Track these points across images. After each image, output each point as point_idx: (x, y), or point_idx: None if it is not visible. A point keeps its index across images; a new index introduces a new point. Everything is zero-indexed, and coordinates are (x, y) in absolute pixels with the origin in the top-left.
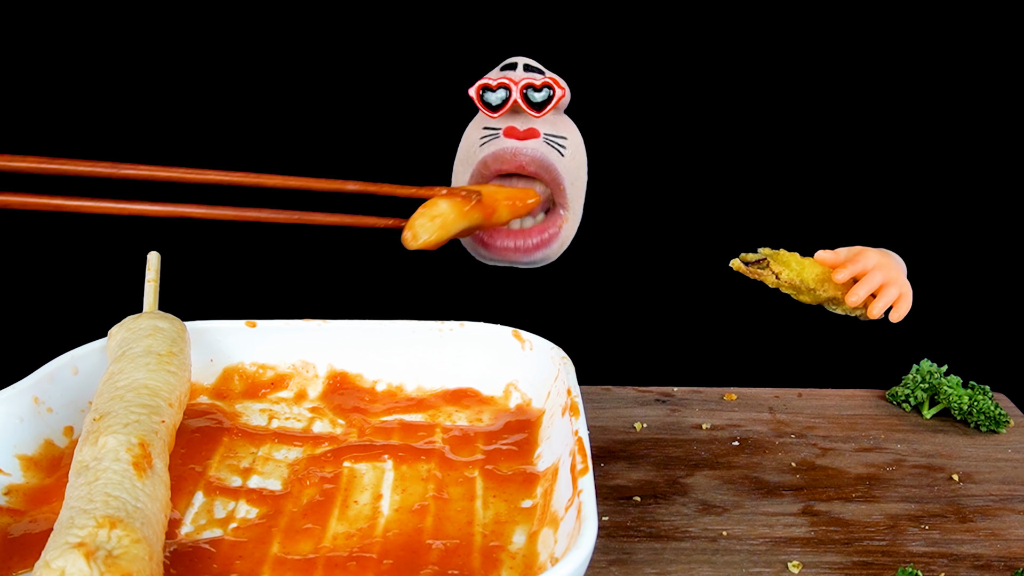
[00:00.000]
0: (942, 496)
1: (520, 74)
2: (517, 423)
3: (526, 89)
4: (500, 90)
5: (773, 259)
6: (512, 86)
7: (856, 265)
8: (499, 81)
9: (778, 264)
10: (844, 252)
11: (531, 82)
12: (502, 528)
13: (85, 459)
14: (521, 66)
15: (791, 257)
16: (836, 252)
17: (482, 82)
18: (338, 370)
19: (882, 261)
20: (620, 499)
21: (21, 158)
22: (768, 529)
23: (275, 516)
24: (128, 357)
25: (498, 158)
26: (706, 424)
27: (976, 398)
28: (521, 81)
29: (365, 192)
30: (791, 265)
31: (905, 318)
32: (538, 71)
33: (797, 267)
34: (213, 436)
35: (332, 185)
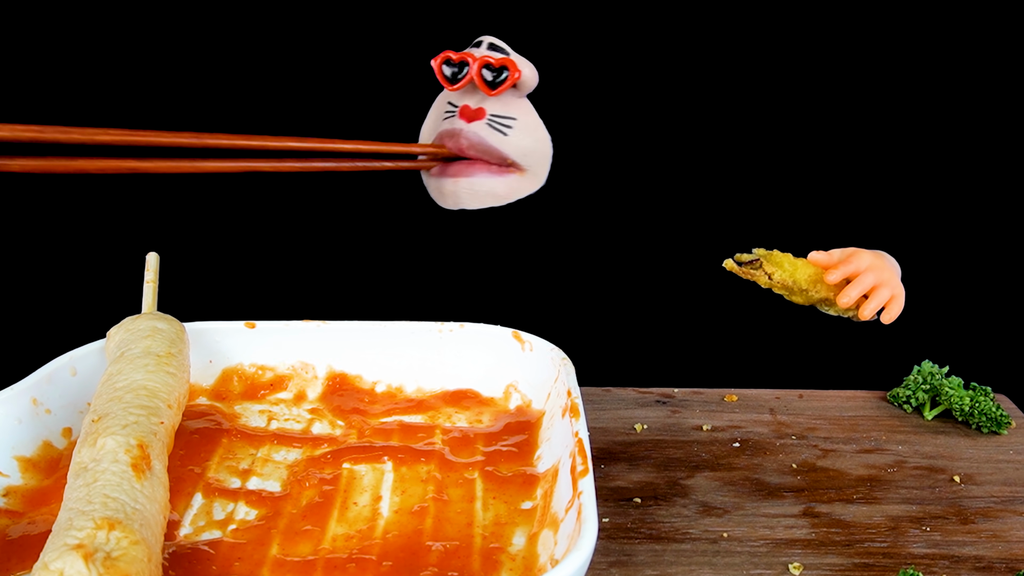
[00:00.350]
0: (943, 498)
1: (483, 51)
2: (517, 424)
3: (484, 67)
4: (460, 64)
5: (766, 260)
6: (471, 61)
7: (849, 266)
8: (460, 56)
9: (771, 265)
10: (837, 253)
11: (489, 60)
12: (502, 530)
13: (84, 460)
14: (486, 44)
15: (784, 258)
16: (829, 253)
17: (444, 54)
18: (337, 371)
19: (875, 263)
20: (620, 500)
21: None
22: (769, 531)
23: (274, 518)
24: (127, 358)
25: (447, 135)
26: (707, 425)
27: (977, 399)
28: (480, 57)
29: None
30: (784, 266)
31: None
32: (501, 51)
33: (790, 268)
34: (212, 437)
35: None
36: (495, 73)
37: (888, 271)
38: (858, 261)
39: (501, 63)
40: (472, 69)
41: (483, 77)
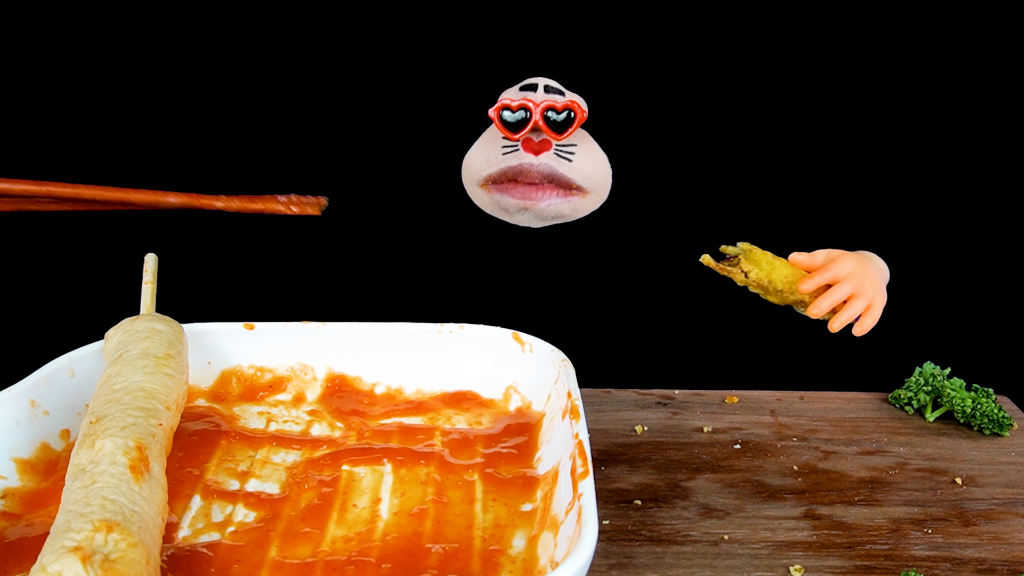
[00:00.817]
0: (945, 500)
1: (541, 95)
2: (517, 426)
3: (547, 111)
4: (520, 111)
5: (745, 257)
6: (533, 108)
7: (826, 274)
8: (520, 102)
9: (749, 263)
10: (821, 256)
11: (552, 104)
12: (502, 532)
13: (82, 462)
14: (542, 87)
15: (763, 256)
16: (812, 255)
17: (502, 102)
18: (336, 373)
19: (855, 270)
20: (621, 503)
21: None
22: (770, 533)
23: (273, 520)
24: (125, 360)
25: (518, 171)
26: (707, 427)
27: (979, 401)
28: (542, 103)
29: (189, 206)
30: (761, 264)
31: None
32: (558, 92)
33: (767, 267)
34: (211, 439)
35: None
36: (561, 115)
37: (869, 278)
38: (837, 268)
39: (566, 106)
40: (536, 114)
41: (549, 121)
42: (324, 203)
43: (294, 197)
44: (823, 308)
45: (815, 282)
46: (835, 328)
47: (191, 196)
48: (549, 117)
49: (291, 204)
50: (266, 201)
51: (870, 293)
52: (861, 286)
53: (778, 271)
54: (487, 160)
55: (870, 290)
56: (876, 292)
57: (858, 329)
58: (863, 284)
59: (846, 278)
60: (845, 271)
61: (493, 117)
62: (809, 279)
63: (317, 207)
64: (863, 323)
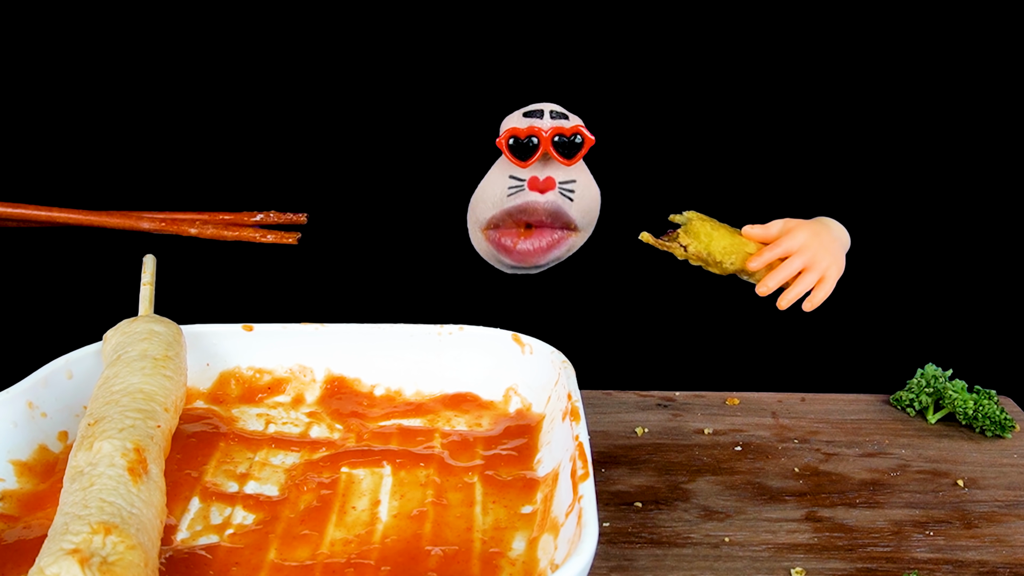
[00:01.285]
0: (947, 502)
1: (548, 122)
2: (517, 428)
3: (556, 137)
4: (529, 139)
5: (684, 230)
6: (542, 135)
7: (776, 249)
8: (528, 130)
9: (687, 236)
10: (776, 227)
11: (560, 130)
12: (502, 534)
13: (80, 464)
14: (548, 113)
15: (702, 227)
16: (767, 227)
17: (510, 130)
18: (336, 374)
19: (808, 242)
20: (621, 505)
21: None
22: (771, 535)
23: (272, 522)
24: (123, 361)
25: (523, 211)
26: (708, 429)
27: (981, 403)
28: (550, 130)
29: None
30: (700, 237)
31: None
32: (563, 116)
33: (706, 239)
34: (209, 441)
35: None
36: (569, 141)
37: (823, 248)
38: (788, 242)
39: (574, 131)
40: (544, 143)
41: (558, 148)
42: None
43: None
44: (771, 285)
45: (764, 259)
46: (783, 305)
47: (166, 221)
48: (558, 145)
49: (267, 234)
50: (240, 230)
51: (822, 265)
52: (813, 258)
53: (717, 241)
54: (492, 202)
55: (822, 262)
56: (830, 263)
57: (808, 304)
58: (816, 256)
59: (798, 251)
60: (797, 244)
61: (502, 147)
62: (758, 256)
63: (294, 238)
64: (814, 297)
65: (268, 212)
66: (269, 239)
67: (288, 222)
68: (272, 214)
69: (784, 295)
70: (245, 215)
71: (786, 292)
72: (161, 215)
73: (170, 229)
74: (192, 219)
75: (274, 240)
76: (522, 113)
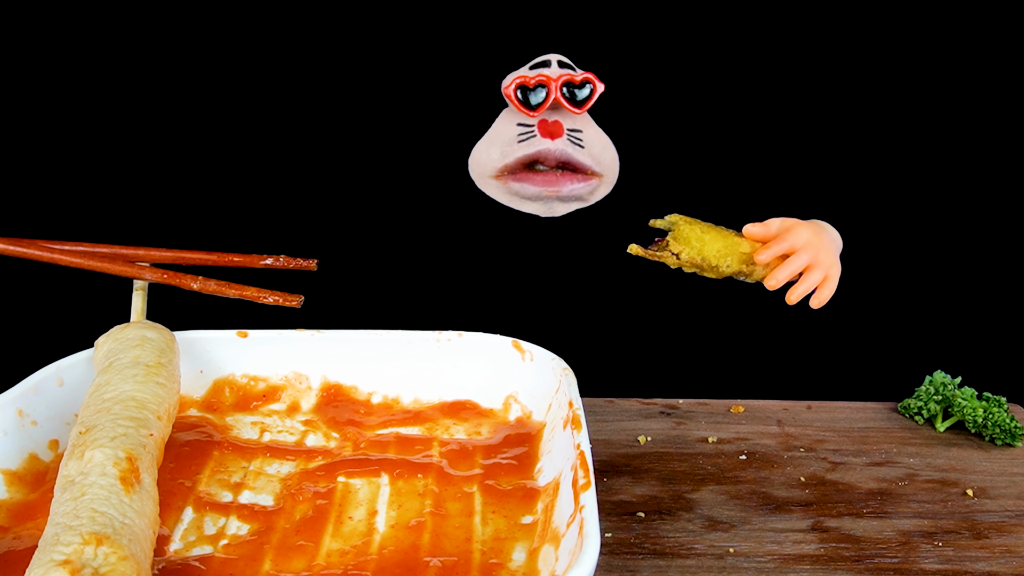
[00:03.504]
0: (956, 512)
1: (556, 71)
2: (517, 436)
3: (565, 85)
4: (538, 88)
5: (673, 237)
6: (551, 83)
7: (782, 244)
8: (537, 79)
9: (678, 243)
10: (775, 225)
11: (571, 77)
12: (502, 545)
13: (71, 474)
14: (555, 63)
15: (691, 231)
16: (766, 225)
17: (518, 79)
18: (332, 382)
19: (811, 240)
20: (623, 515)
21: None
22: (776, 546)
23: (267, 532)
24: (115, 368)
25: (535, 157)
26: (712, 437)
27: (991, 410)
28: (560, 78)
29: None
30: (691, 242)
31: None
32: (571, 67)
33: (697, 244)
34: (203, 450)
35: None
36: (581, 90)
37: (824, 248)
38: (793, 238)
39: (584, 79)
40: (555, 90)
41: (567, 96)
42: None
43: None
44: (780, 279)
45: (771, 252)
46: (793, 300)
47: (168, 274)
48: (567, 93)
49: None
50: (243, 289)
51: (826, 263)
52: (817, 256)
53: (709, 245)
54: (501, 152)
55: (826, 260)
56: (832, 262)
57: (815, 301)
58: (819, 254)
59: (802, 248)
60: (801, 241)
61: (509, 95)
62: (765, 249)
63: (297, 301)
64: (820, 294)
65: (278, 256)
66: (270, 301)
67: (298, 267)
68: (282, 258)
69: (794, 289)
70: (255, 257)
71: (796, 287)
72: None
73: (172, 282)
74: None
75: (275, 302)
76: (529, 66)
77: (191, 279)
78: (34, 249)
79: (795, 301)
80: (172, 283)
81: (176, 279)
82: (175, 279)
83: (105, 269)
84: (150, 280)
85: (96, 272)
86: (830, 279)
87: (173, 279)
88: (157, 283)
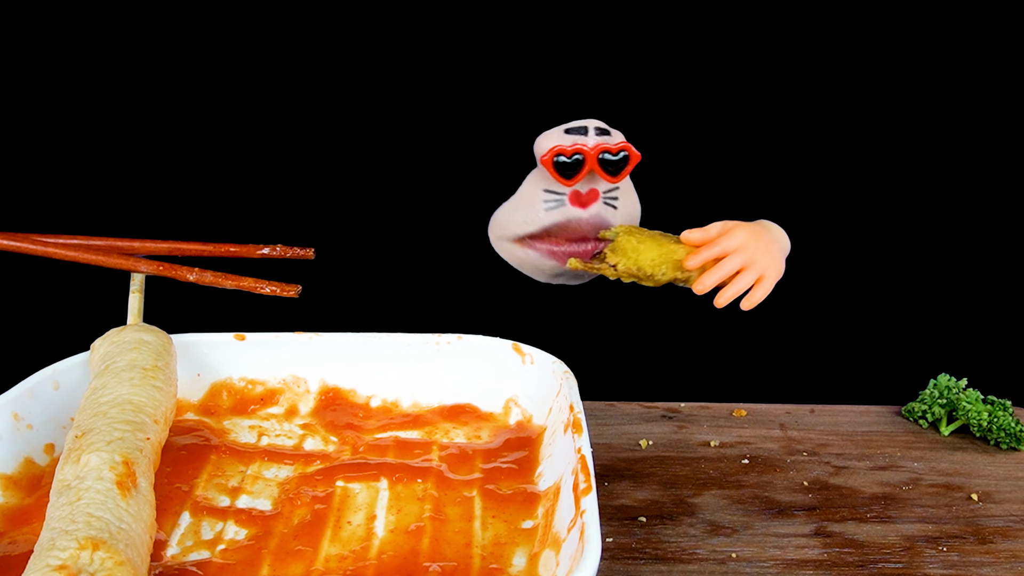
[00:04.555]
0: (961, 517)
1: (592, 139)
2: (517, 440)
3: (601, 154)
4: (574, 156)
5: (611, 249)
6: (587, 153)
7: (713, 248)
8: (573, 148)
9: (615, 255)
10: (715, 229)
11: (606, 147)
12: (502, 550)
13: (67, 478)
14: (592, 129)
15: (628, 242)
16: (706, 229)
17: (555, 148)
18: (330, 385)
19: (746, 242)
20: (625, 519)
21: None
22: (779, 551)
23: (265, 537)
24: (111, 371)
25: (564, 227)
26: (714, 441)
27: (996, 414)
28: (595, 147)
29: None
30: (627, 253)
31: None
32: (606, 132)
33: (633, 254)
34: (200, 454)
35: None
36: (616, 158)
37: (763, 249)
38: (726, 242)
39: (620, 148)
40: (590, 160)
41: (604, 165)
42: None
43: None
44: (707, 284)
45: (700, 257)
46: (720, 303)
47: (163, 266)
48: (604, 162)
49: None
50: (240, 280)
51: (761, 265)
52: (752, 258)
53: (645, 255)
54: (526, 219)
55: (761, 261)
56: (769, 264)
57: (746, 303)
58: (754, 256)
59: (736, 251)
60: (735, 244)
61: (547, 165)
62: (695, 254)
63: (295, 291)
64: (752, 297)
65: (275, 246)
66: (267, 291)
67: (295, 256)
68: (279, 247)
69: (721, 293)
70: (252, 247)
71: (724, 290)
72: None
73: (168, 274)
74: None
75: (272, 292)
76: (564, 130)
77: (187, 270)
78: (27, 243)
79: (722, 305)
80: (168, 275)
81: (172, 271)
82: (171, 271)
83: (99, 262)
84: (145, 272)
85: (91, 266)
86: (764, 280)
87: (169, 271)
88: (153, 275)
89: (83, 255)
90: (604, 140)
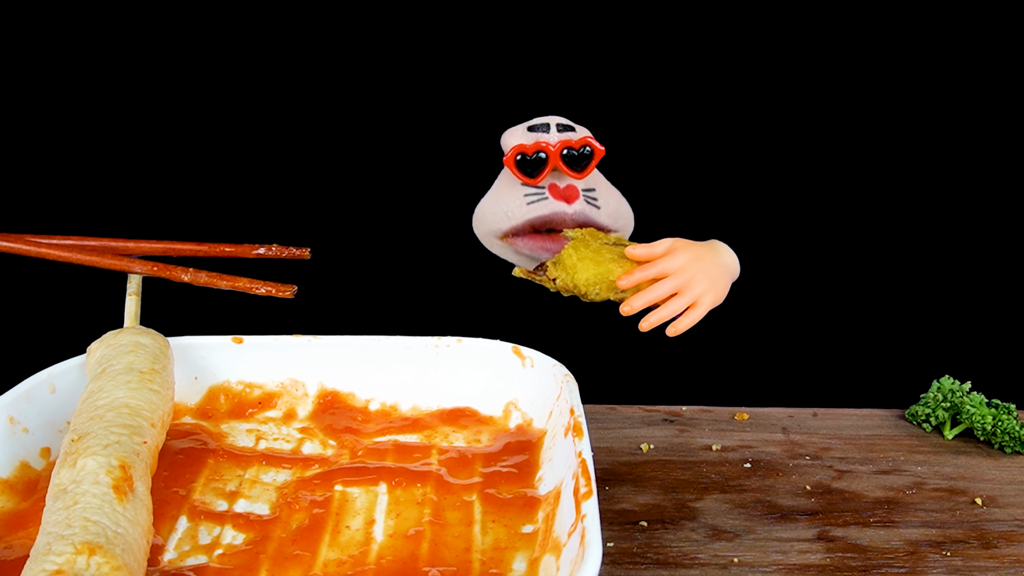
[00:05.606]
0: (965, 521)
1: (555, 136)
2: (517, 444)
3: (564, 150)
4: (536, 154)
5: (554, 262)
6: (549, 150)
7: (649, 270)
8: (534, 146)
9: (556, 269)
10: (662, 247)
11: (568, 143)
12: (502, 555)
13: (63, 482)
14: (554, 126)
15: (569, 256)
16: (651, 247)
17: (517, 147)
18: (329, 388)
19: (686, 265)
20: (626, 524)
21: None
22: (782, 556)
23: (263, 542)
24: (108, 375)
25: (549, 221)
26: (716, 445)
27: (1000, 417)
28: (557, 144)
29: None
30: (567, 268)
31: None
32: (569, 128)
33: (571, 270)
34: (197, 458)
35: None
36: (578, 154)
37: (701, 273)
38: (666, 263)
39: (582, 143)
40: (553, 157)
41: (567, 161)
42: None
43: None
44: (635, 306)
45: (633, 279)
46: (643, 327)
47: (158, 266)
48: (567, 158)
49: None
50: (235, 280)
51: (695, 291)
52: (688, 283)
53: (581, 273)
54: (507, 212)
55: (696, 287)
56: (706, 290)
57: (671, 329)
58: (691, 280)
59: (673, 273)
60: (674, 266)
61: (509, 164)
62: (628, 275)
63: (291, 291)
64: (678, 324)
65: (270, 246)
66: (262, 292)
67: (291, 256)
68: (275, 247)
69: (647, 317)
70: (247, 247)
71: (650, 315)
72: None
73: (163, 274)
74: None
75: (268, 293)
76: (526, 127)
77: (182, 271)
78: (21, 244)
79: (645, 329)
80: (163, 275)
81: (167, 271)
82: (166, 271)
83: (94, 263)
84: (140, 272)
85: (87, 268)
86: (696, 307)
87: (164, 271)
88: (148, 276)
89: (77, 256)
90: (567, 136)
